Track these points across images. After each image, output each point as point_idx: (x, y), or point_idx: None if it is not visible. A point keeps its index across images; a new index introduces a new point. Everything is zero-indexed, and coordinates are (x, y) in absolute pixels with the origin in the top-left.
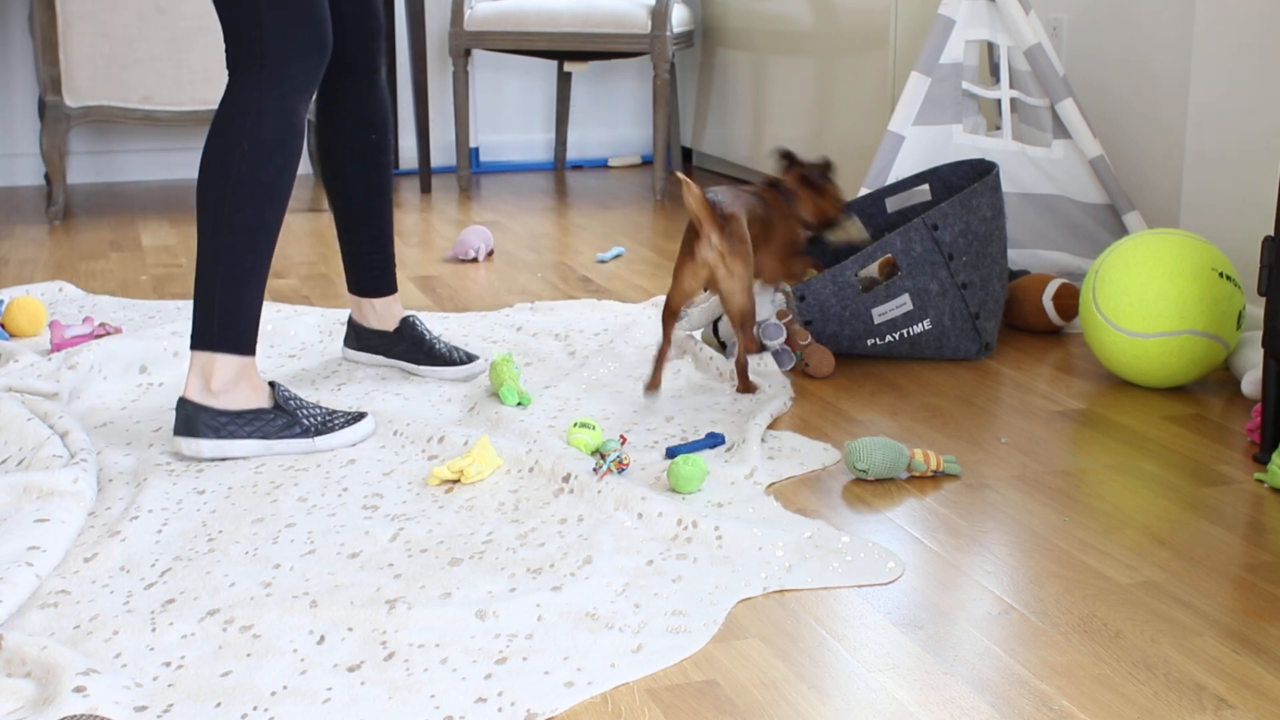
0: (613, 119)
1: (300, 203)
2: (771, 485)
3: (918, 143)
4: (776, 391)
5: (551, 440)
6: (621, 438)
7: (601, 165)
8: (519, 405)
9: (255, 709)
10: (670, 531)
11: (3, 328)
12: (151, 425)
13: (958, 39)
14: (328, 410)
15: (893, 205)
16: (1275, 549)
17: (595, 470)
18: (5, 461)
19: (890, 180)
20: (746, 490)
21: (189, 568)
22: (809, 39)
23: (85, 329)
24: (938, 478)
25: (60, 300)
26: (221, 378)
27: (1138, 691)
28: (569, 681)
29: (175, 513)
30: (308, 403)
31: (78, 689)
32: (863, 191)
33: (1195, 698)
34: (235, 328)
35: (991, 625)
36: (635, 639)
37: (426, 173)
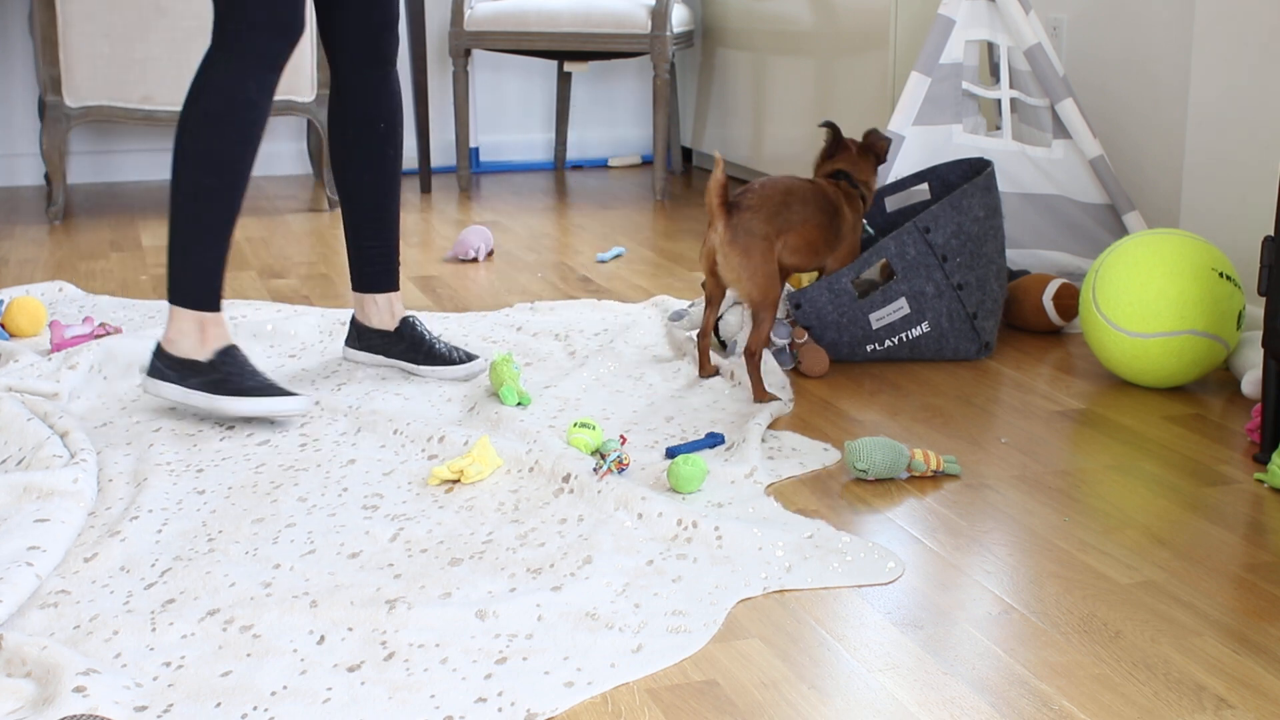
0: (613, 119)
1: (300, 203)
2: (771, 485)
3: (918, 143)
4: (776, 392)
5: (551, 440)
6: (621, 438)
7: (601, 165)
8: (519, 405)
9: (255, 709)
10: (670, 531)
11: (3, 328)
12: (151, 425)
13: (958, 39)
14: (266, 382)
15: (892, 205)
16: (1275, 549)
17: (595, 470)
18: (5, 461)
19: (890, 180)
20: (746, 490)
21: (189, 568)
22: (809, 39)
23: (85, 329)
24: (938, 478)
25: (60, 300)
26: (175, 327)
27: (1138, 691)
28: (569, 681)
29: (175, 513)
30: (249, 370)
31: (78, 689)
32: None
33: (1195, 698)
34: (185, 285)
35: (991, 625)
36: (635, 639)
37: (426, 173)
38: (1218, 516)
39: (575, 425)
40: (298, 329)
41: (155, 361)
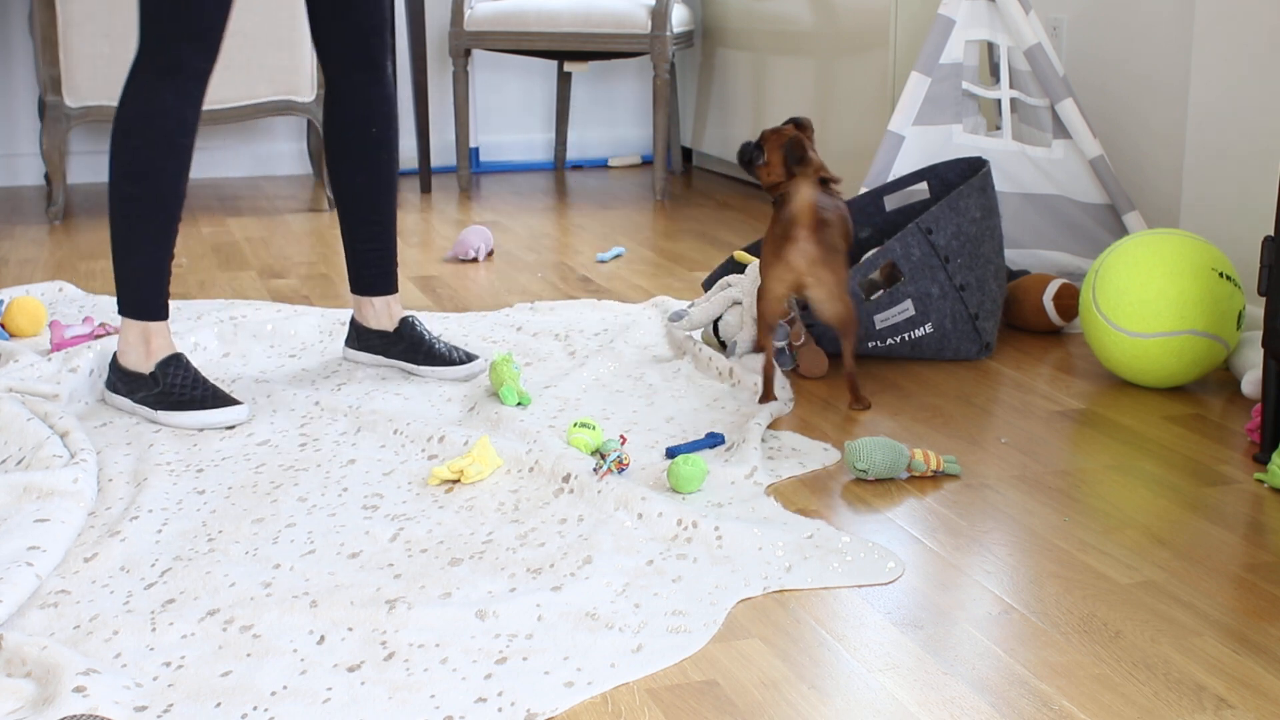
0: (613, 119)
1: (300, 203)
2: (771, 485)
3: (918, 143)
4: (775, 391)
5: (551, 440)
6: (621, 438)
7: (601, 165)
8: (519, 405)
9: (255, 709)
10: (670, 531)
11: (3, 328)
12: (151, 426)
13: (958, 39)
14: (210, 390)
15: (891, 204)
16: (1275, 549)
17: (595, 470)
18: (5, 461)
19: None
20: (746, 490)
21: (189, 568)
22: (809, 39)
23: (85, 329)
24: (938, 478)
25: (60, 300)
26: (124, 338)
27: (1138, 691)
28: (569, 681)
29: (175, 513)
30: (191, 380)
31: (78, 689)
32: (862, 190)
33: (1195, 698)
34: (126, 294)
35: (991, 625)
36: (635, 639)
37: (426, 173)
38: (1218, 516)
39: (575, 425)
40: (298, 329)
41: (110, 373)
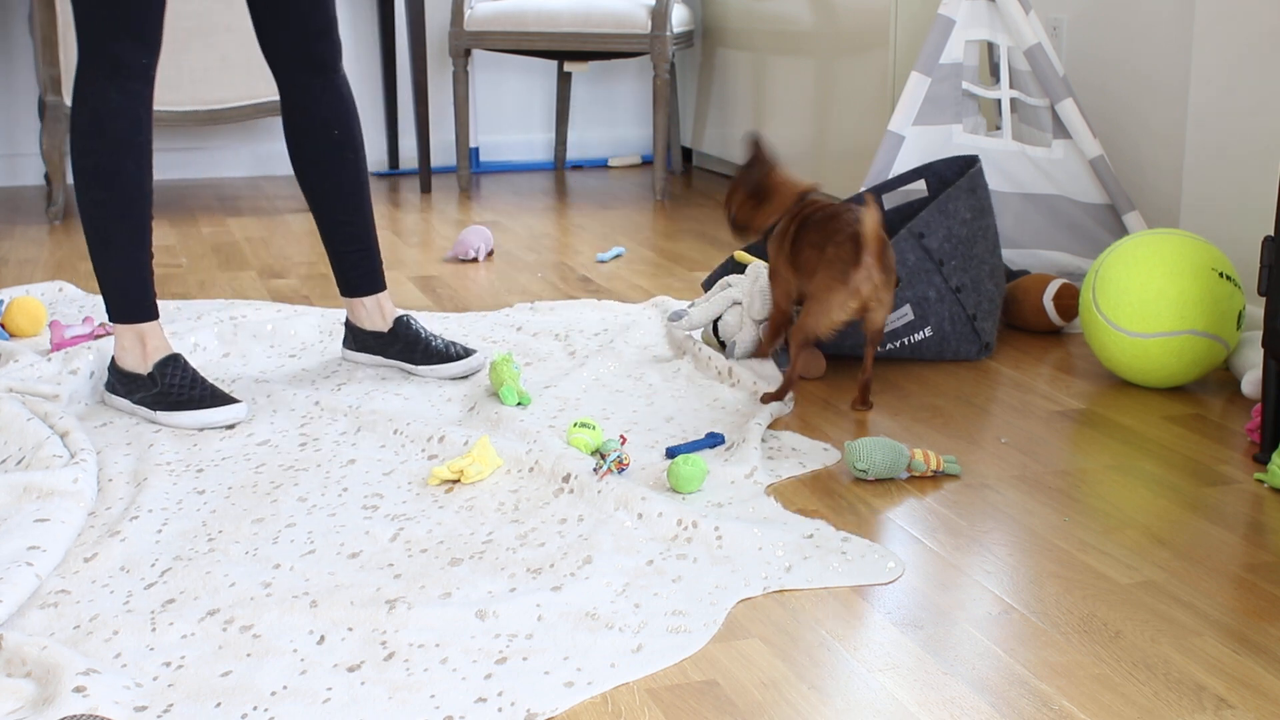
0: (613, 119)
1: (299, 203)
2: (771, 485)
3: (918, 143)
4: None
5: (551, 440)
6: (621, 438)
7: (601, 165)
8: (519, 405)
9: (255, 709)
10: (670, 531)
11: (3, 328)
12: (151, 426)
13: (958, 39)
14: (208, 389)
15: (889, 203)
16: (1275, 549)
17: (595, 470)
18: (5, 461)
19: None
20: (746, 490)
21: (189, 568)
22: (809, 39)
23: (85, 329)
24: (938, 478)
25: (60, 300)
26: (119, 342)
27: (1138, 691)
28: (569, 681)
29: (175, 513)
30: (190, 378)
31: (78, 689)
32: (862, 190)
33: (1195, 698)
34: (113, 300)
35: (991, 625)
36: (635, 639)
37: (426, 173)
38: (1218, 516)
39: (575, 425)
40: (298, 329)
41: (109, 375)
